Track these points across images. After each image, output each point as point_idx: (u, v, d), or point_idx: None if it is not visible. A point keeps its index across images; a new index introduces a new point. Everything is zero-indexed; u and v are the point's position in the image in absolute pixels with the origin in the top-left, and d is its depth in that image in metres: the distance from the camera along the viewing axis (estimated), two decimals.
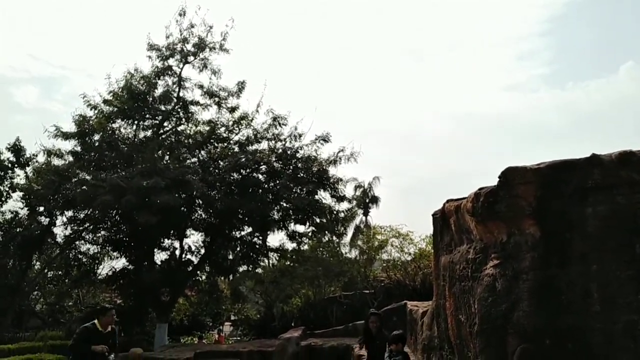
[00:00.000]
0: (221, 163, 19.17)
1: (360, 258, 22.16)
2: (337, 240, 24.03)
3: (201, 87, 20.14)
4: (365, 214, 39.55)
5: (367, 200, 39.92)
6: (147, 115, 19.74)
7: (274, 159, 18.92)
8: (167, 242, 20.29)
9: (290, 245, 20.35)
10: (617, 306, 4.73)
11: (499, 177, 5.42)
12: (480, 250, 5.72)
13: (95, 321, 7.98)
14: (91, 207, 16.90)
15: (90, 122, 18.51)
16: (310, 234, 20.23)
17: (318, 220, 19.54)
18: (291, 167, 19.10)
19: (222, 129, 20.10)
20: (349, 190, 37.64)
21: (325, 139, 19.16)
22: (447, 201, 7.02)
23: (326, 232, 20.11)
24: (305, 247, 22.09)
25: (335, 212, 19.49)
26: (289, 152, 18.99)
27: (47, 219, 20.88)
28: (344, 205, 19.69)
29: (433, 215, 8.02)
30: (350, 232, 34.76)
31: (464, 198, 6.28)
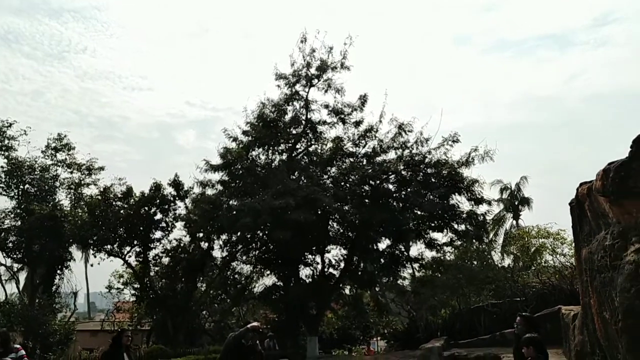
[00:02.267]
0: (351, 177, 19.52)
1: (516, 265, 20.52)
2: (485, 247, 22.68)
3: (327, 106, 20.86)
4: (515, 217, 36.61)
5: (517, 203, 36.95)
6: (281, 140, 21.02)
7: (401, 167, 18.70)
8: (310, 257, 21.20)
9: (429, 254, 19.77)
10: None
11: (631, 146, 4.68)
12: (618, 234, 4.94)
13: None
14: (234, 230, 18.42)
15: (233, 153, 20.33)
16: (450, 241, 19.42)
17: (457, 227, 18.73)
18: (421, 173, 18.67)
19: (349, 143, 20.51)
20: (493, 193, 35.57)
21: (454, 140, 18.41)
22: (580, 185, 6.23)
23: (467, 238, 19.09)
24: (450, 256, 21.26)
25: (475, 216, 18.43)
26: (416, 158, 18.60)
27: (206, 244, 23.33)
28: (483, 208, 18.49)
29: (570, 204, 7.16)
30: (500, 238, 32.62)
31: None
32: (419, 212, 18.52)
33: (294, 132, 21.23)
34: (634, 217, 4.74)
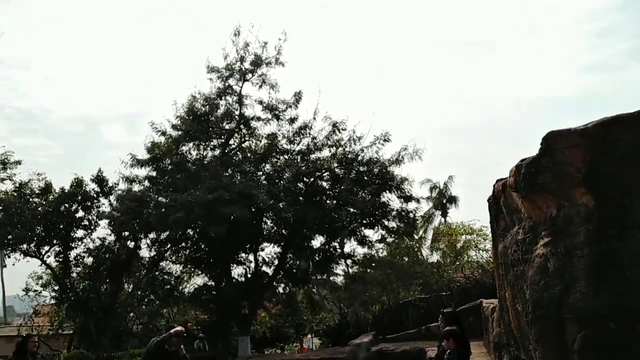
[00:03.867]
0: (285, 174, 19.37)
1: (444, 260, 21.26)
2: (415, 243, 23.32)
3: (261, 102, 20.55)
4: (444, 215, 38.10)
5: (445, 201, 38.48)
6: (213, 135, 20.46)
7: (335, 165, 18.80)
8: (243, 256, 20.82)
9: (361, 251, 20.06)
10: None
11: (541, 143, 4.83)
12: (529, 229, 5.12)
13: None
14: (166, 226, 17.72)
15: (161, 147, 19.52)
16: (381, 238, 19.80)
17: (387, 224, 19.12)
18: (354, 171, 18.86)
19: (284, 140, 20.34)
20: (423, 192, 36.73)
21: (385, 139, 18.74)
22: (497, 181, 6.42)
23: (397, 234, 19.55)
24: (383, 252, 21.66)
25: (404, 213, 18.89)
26: (349, 156, 18.77)
27: (133, 243, 22.27)
28: (413, 206, 18.98)
29: (488, 200, 7.38)
30: (430, 234, 33.80)
31: None
32: (351, 210, 18.70)
33: (226, 127, 20.75)
34: (543, 212, 4.92)
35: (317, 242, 20.07)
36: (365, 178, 18.59)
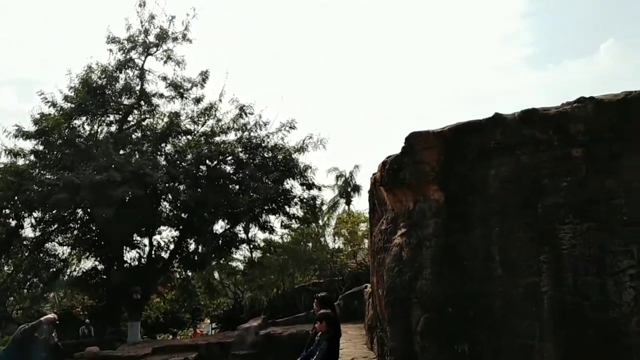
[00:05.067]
0: (187, 156, 18.84)
1: (346, 247, 21.99)
2: (320, 230, 23.86)
3: (165, 78, 19.65)
4: (348, 203, 39.36)
5: (350, 189, 39.72)
6: (109, 110, 19.32)
7: (239, 150, 18.63)
8: (137, 239, 19.99)
9: (262, 236, 20.17)
10: (518, 269, 4.55)
11: (404, 142, 5.22)
12: (391, 220, 5.54)
13: None
14: (48, 207, 16.54)
15: (49, 120, 18.08)
16: (284, 224, 20.02)
17: (289, 210, 19.38)
18: (258, 156, 18.83)
19: (187, 120, 19.73)
20: (330, 180, 37.64)
21: (291, 126, 18.87)
22: (373, 174, 6.82)
23: (299, 221, 19.90)
24: (287, 238, 21.89)
25: (306, 200, 19.26)
26: (254, 141, 18.70)
27: (15, 222, 20.45)
28: (314, 193, 19.41)
29: (368, 192, 7.82)
30: (334, 221, 34.77)
31: None
32: (254, 195, 18.69)
33: (125, 102, 19.63)
34: (403, 205, 5.34)
35: (218, 226, 19.88)
36: (270, 164, 18.62)
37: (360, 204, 42.04)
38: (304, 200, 19.25)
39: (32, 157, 18.68)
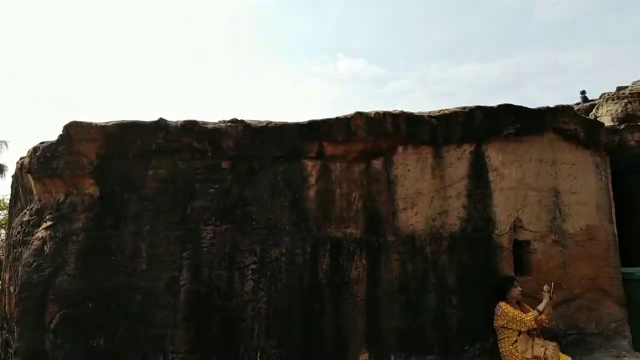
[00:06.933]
0: None
1: None
2: None
3: None
4: None
5: None
6: None
7: None
8: None
9: None
10: (162, 264, 4.92)
11: (62, 130, 4.92)
12: (36, 211, 5.08)
13: None
14: None
15: None
16: None
17: None
18: None
19: None
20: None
21: None
22: (20, 158, 6.07)
23: None
24: None
25: None
26: None
27: None
28: None
29: (12, 176, 6.87)
30: None
31: None
32: None
33: None
34: (53, 197, 4.99)
35: None
36: None
37: (4, 187, 35.68)
38: None
39: None
